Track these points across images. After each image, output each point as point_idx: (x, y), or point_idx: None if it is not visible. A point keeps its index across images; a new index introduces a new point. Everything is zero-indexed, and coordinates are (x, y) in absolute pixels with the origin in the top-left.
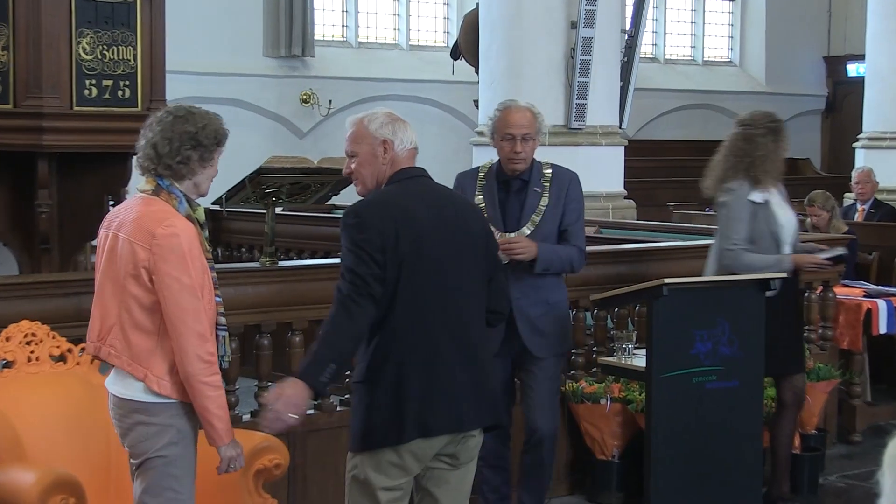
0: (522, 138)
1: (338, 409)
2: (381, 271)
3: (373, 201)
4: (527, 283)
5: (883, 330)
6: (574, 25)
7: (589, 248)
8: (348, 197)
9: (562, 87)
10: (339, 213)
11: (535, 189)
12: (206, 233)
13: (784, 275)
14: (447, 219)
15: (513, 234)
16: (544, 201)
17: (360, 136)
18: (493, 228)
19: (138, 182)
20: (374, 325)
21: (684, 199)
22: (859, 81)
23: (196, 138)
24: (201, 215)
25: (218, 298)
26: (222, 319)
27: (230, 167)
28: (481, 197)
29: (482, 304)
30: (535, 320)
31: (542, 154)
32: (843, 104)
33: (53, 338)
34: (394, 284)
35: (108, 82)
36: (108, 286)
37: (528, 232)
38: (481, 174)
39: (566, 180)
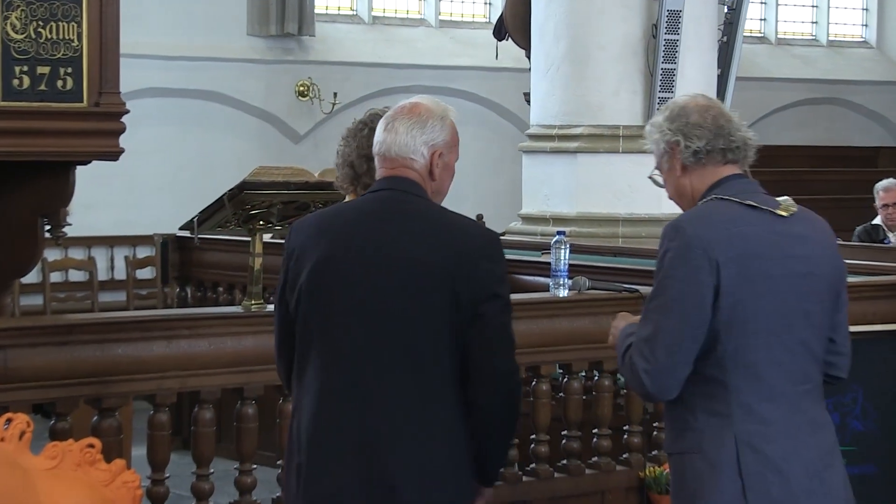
0: None
1: None
2: (282, 289)
3: (308, 216)
4: None
5: None
6: None
7: None
8: None
9: (640, 76)
10: None
11: None
12: None
13: None
14: (379, 244)
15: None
16: None
17: None
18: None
19: (87, 198)
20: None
21: None
22: None
23: None
24: None
25: None
26: None
27: (203, 181)
28: None
29: (405, 361)
30: None
31: (617, 164)
32: None
33: None
34: (294, 309)
35: (45, 69)
36: None
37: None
38: None
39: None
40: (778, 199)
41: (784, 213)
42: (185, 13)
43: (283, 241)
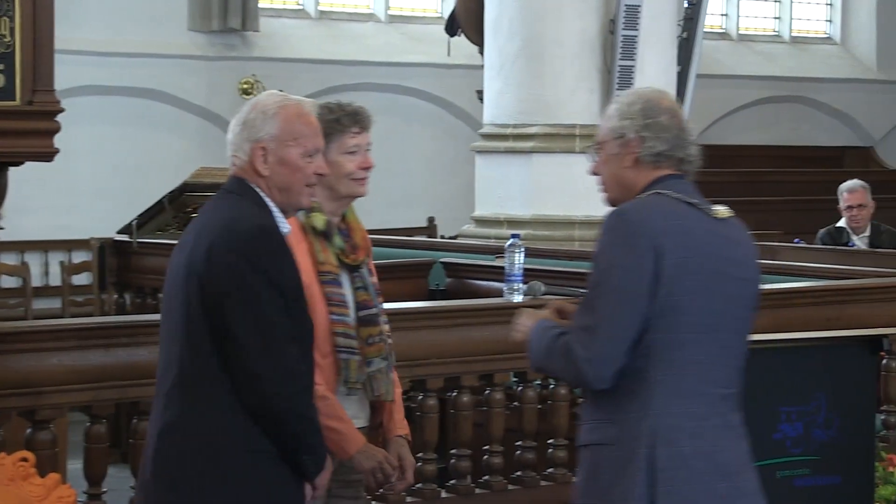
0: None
1: None
2: None
3: None
4: None
5: None
6: None
7: None
8: None
9: (597, 74)
10: None
11: None
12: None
13: None
14: (178, 250)
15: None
16: None
17: None
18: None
19: (20, 200)
20: None
21: (766, 226)
22: None
23: None
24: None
25: None
26: None
27: (142, 183)
28: None
29: (168, 367)
30: None
31: (573, 165)
32: None
33: None
34: None
35: None
36: None
37: None
38: None
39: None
40: (712, 206)
41: (720, 216)
42: (123, 7)
43: None
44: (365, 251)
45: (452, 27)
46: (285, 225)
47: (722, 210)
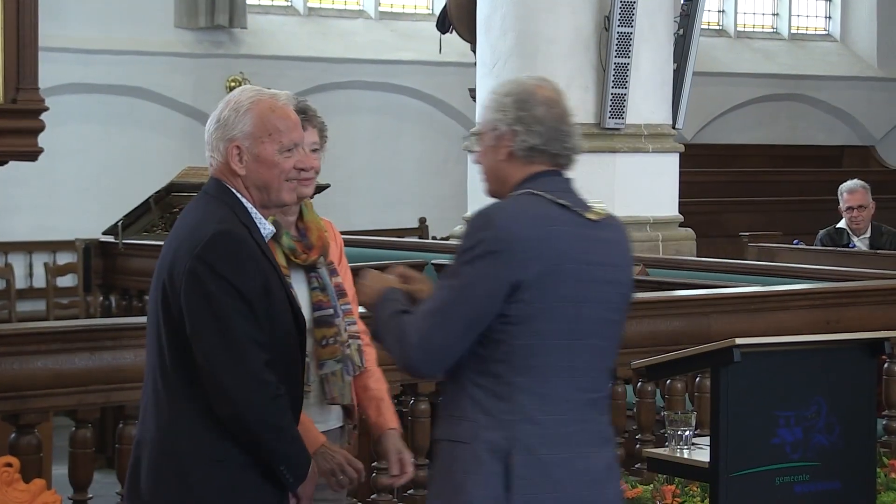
0: None
1: None
2: None
3: None
4: None
5: None
6: None
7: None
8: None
9: (592, 71)
10: None
11: None
12: None
13: None
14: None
15: None
16: None
17: None
18: None
19: (3, 201)
20: None
21: (764, 227)
22: None
23: None
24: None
25: None
26: None
27: (128, 183)
28: None
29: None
30: None
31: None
32: None
33: None
34: None
35: None
36: None
37: None
38: None
39: None
40: (589, 202)
41: (594, 217)
42: (108, 3)
43: None
44: (319, 251)
45: (444, 24)
46: (266, 226)
47: (596, 210)
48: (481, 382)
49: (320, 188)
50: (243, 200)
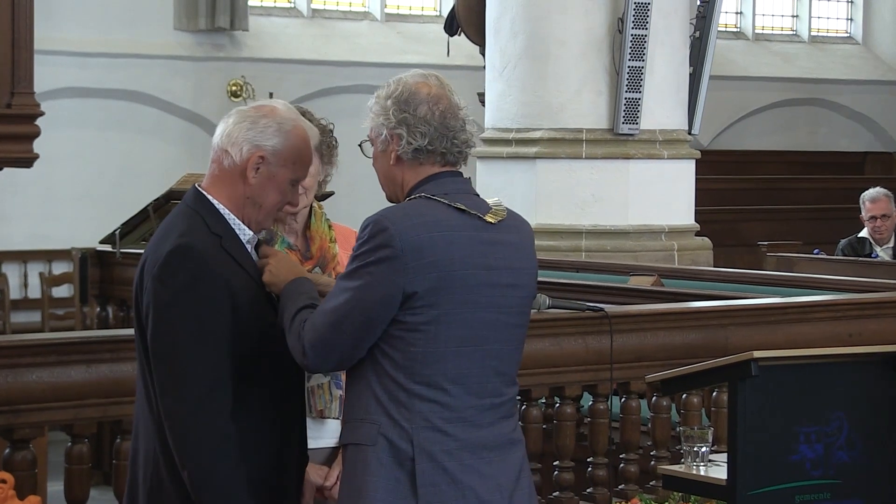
0: None
1: None
2: None
3: None
4: None
5: None
6: None
7: (646, 307)
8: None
9: (605, 75)
10: None
11: None
12: None
13: None
14: None
15: None
16: None
17: None
18: None
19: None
20: None
21: (783, 237)
22: None
23: None
24: None
25: None
26: None
27: (126, 190)
28: None
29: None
30: None
31: (580, 171)
32: None
33: None
34: None
35: None
36: None
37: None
38: None
39: None
40: (489, 200)
41: (492, 220)
42: (106, 5)
43: None
44: (317, 261)
45: (452, 26)
46: (245, 232)
47: (495, 211)
48: (383, 388)
49: (325, 196)
50: (220, 208)
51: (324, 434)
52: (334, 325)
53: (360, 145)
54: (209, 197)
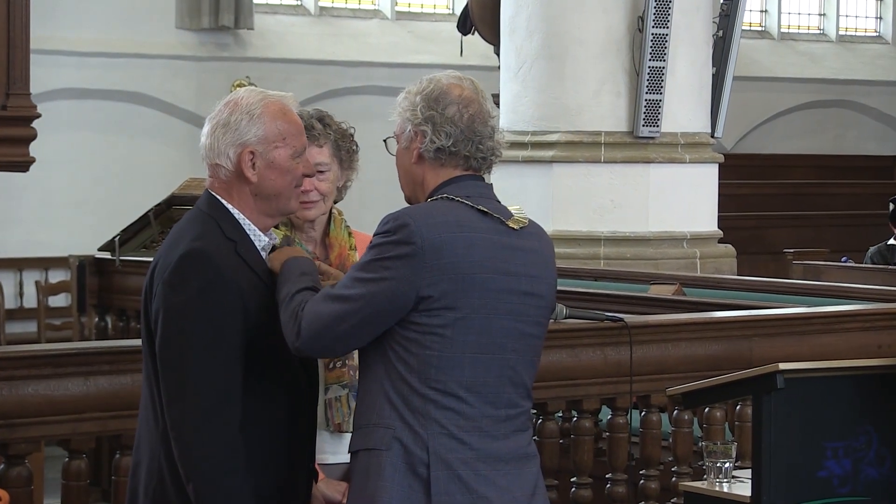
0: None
1: None
2: None
3: None
4: None
5: None
6: None
7: (667, 317)
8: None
9: (624, 76)
10: None
11: None
12: None
13: None
14: None
15: None
16: None
17: None
18: None
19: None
20: None
21: (809, 244)
22: None
23: None
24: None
25: None
26: None
27: (125, 195)
28: None
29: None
30: None
31: (598, 175)
32: None
33: None
34: None
35: None
36: None
37: None
38: None
39: None
40: (511, 208)
41: (514, 226)
42: (106, 2)
43: None
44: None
45: (465, 25)
46: (261, 238)
47: (517, 218)
48: (397, 392)
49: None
50: (235, 213)
51: (342, 449)
52: (339, 314)
53: (385, 141)
54: (223, 202)
